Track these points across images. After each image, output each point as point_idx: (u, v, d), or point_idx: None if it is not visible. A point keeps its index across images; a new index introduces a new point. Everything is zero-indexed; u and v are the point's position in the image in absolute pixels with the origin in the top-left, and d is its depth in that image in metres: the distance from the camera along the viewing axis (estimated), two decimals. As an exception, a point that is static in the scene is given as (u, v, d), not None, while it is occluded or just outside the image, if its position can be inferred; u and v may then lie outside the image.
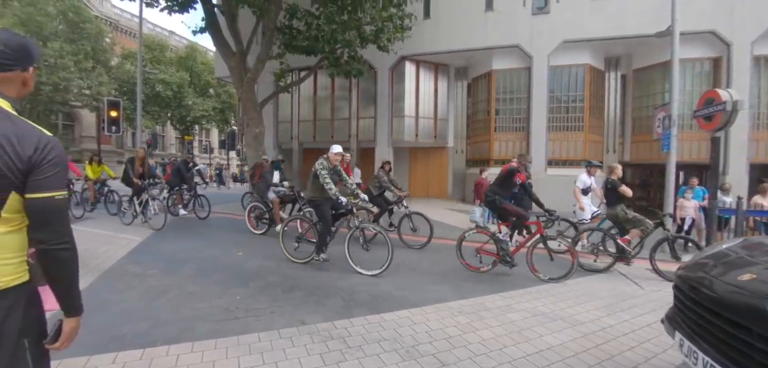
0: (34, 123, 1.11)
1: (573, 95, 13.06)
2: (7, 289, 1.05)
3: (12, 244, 1.06)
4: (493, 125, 13.82)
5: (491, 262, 5.20)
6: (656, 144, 10.18)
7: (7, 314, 1.05)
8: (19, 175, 1.03)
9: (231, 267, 5.01)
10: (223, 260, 5.39)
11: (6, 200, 1.03)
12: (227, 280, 4.43)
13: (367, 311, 3.64)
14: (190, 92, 31.56)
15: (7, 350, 1.05)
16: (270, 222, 7.30)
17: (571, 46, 12.52)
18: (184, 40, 39.66)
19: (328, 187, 4.84)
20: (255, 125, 11.68)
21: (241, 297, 3.87)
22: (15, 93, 1.14)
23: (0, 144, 1.01)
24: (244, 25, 12.14)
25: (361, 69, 11.83)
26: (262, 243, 6.72)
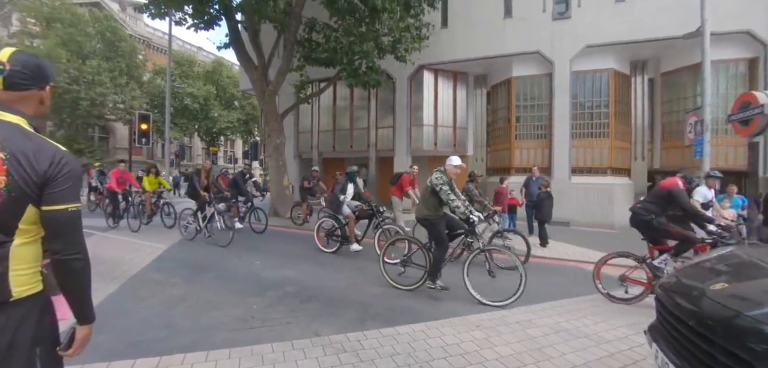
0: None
1: (597, 100, 12.65)
2: (21, 299, 1.09)
3: (27, 255, 1.10)
4: (513, 133, 13.56)
5: (639, 291, 4.51)
6: (688, 150, 9.68)
7: (20, 323, 1.09)
8: (35, 188, 1.08)
9: (247, 277, 5.09)
10: (242, 269, 5.48)
11: (23, 212, 1.08)
12: (244, 289, 4.50)
13: (382, 324, 3.60)
14: (215, 104, 32.73)
15: (21, 358, 1.08)
16: (342, 240, 6.69)
17: (594, 51, 12.17)
18: (210, 55, 41.26)
19: (454, 203, 4.39)
20: (276, 135, 11.93)
21: (257, 307, 3.91)
22: (32, 111, 1.19)
23: (18, 159, 1.06)
24: (266, 40, 12.49)
25: (379, 79, 11.92)
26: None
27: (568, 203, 12.09)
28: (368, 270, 5.61)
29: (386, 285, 4.83)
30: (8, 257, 1.06)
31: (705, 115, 7.29)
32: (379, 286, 4.80)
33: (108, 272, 5.06)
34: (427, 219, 4.60)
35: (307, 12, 11.73)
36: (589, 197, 11.81)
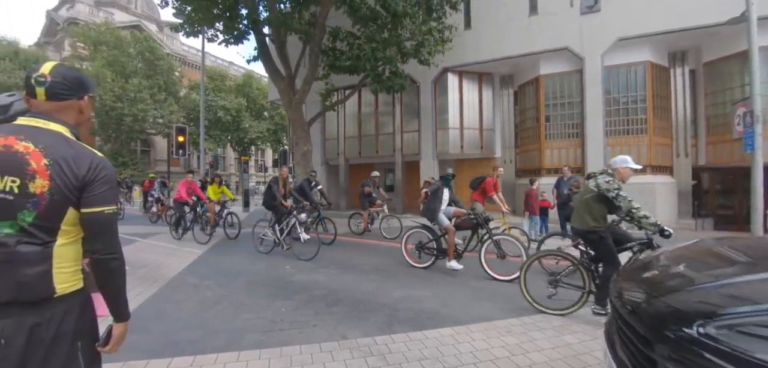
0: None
1: (633, 95, 12.03)
2: (64, 295, 1.17)
3: (69, 254, 1.18)
4: (543, 132, 13.13)
5: None
6: (737, 144, 9.00)
7: (63, 317, 1.16)
8: (75, 192, 1.16)
9: (278, 281, 5.19)
10: (272, 273, 5.61)
11: (65, 214, 1.16)
12: (274, 293, 4.60)
13: (410, 328, 3.56)
14: (246, 115, 33.99)
15: (63, 350, 1.16)
16: (438, 253, 5.82)
17: (627, 44, 11.60)
18: (241, 69, 42.97)
19: (640, 212, 3.80)
20: (303, 143, 12.20)
21: (286, 310, 3.98)
22: (73, 120, 1.28)
23: (60, 165, 1.14)
24: (292, 51, 12.85)
25: (403, 84, 11.93)
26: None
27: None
28: (395, 273, 5.60)
29: (412, 287, 4.80)
30: (52, 256, 1.14)
31: (755, 105, 6.75)
32: (405, 289, 4.76)
33: (148, 275, 5.34)
34: (594, 232, 3.91)
35: (331, 21, 11.97)
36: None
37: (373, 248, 8.06)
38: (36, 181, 1.11)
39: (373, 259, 6.73)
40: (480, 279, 5.27)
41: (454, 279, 5.36)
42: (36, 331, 1.11)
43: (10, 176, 1.11)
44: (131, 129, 28.45)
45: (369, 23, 11.11)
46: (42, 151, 1.14)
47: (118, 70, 27.23)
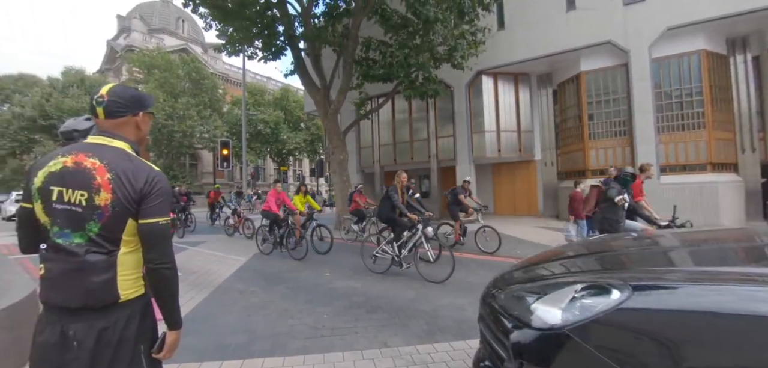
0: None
1: (687, 88, 11.15)
2: (127, 301, 1.25)
3: (131, 262, 1.27)
4: (586, 132, 12.50)
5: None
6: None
7: (127, 322, 1.25)
8: (133, 204, 1.24)
9: (318, 287, 5.30)
10: (312, 280, 5.73)
11: (125, 224, 1.25)
12: (315, 299, 4.69)
13: (452, 337, 3.48)
14: (284, 128, 35.34)
15: (127, 353, 1.24)
16: None
17: (678, 33, 10.80)
18: (279, 83, 44.80)
19: None
20: (339, 152, 12.44)
21: (327, 316, 4.04)
22: (133, 136, 1.38)
23: (120, 178, 1.23)
24: (327, 63, 13.22)
25: (437, 89, 11.86)
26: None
27: (659, 206, 10.68)
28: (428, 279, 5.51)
29: (457, 296, 4.69)
30: (116, 264, 1.23)
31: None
32: (448, 297, 4.68)
33: (198, 282, 5.65)
34: None
35: (364, 32, 12.17)
36: (686, 197, 10.35)
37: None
38: (100, 194, 1.21)
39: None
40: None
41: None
42: (103, 334, 1.20)
43: (80, 189, 1.21)
44: (180, 144, 30.56)
45: (400, 31, 11.19)
46: (106, 166, 1.23)
47: (169, 91, 29.46)
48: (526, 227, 11.30)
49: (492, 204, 15.30)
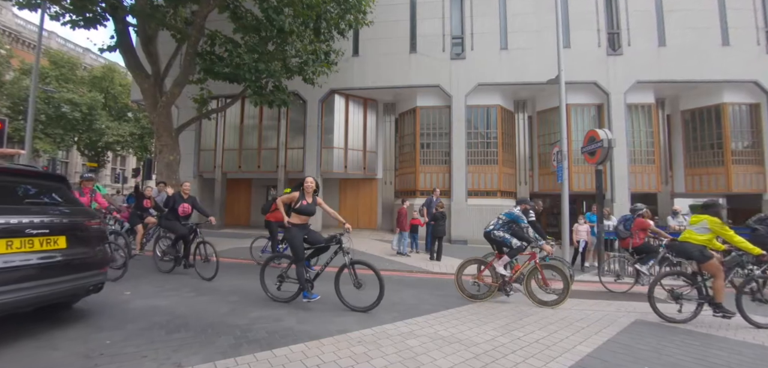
0: None
1: (488, 132, 14.31)
2: None
3: None
4: (418, 158, 14.50)
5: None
6: (554, 176, 11.44)
7: None
8: None
9: (106, 310, 4.45)
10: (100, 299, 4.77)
11: None
12: (98, 323, 3.91)
13: (259, 348, 3.44)
14: (103, 114, 28.54)
15: None
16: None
17: (484, 89, 13.84)
18: (101, 58, 36.18)
19: None
20: (169, 152, 10.87)
21: (110, 342, 3.42)
22: None
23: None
24: (163, 48, 11.53)
25: (286, 100, 11.72)
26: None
27: (466, 223, 13.26)
28: (253, 291, 5.34)
29: (276, 306, 4.66)
30: None
31: (563, 147, 8.76)
32: (263, 308, 4.60)
33: None
34: None
35: (212, 24, 11.16)
36: (483, 216, 13.01)
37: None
38: None
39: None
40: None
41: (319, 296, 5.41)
42: None
43: None
44: None
45: (252, 34, 10.71)
46: None
47: None
48: (363, 239, 12.23)
49: (338, 218, 15.94)
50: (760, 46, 13.13)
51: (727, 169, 13.34)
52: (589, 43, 13.50)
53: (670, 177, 15.04)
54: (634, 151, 13.81)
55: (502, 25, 13.98)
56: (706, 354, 3.73)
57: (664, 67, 13.23)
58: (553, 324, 4.57)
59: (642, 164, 13.86)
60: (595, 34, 13.56)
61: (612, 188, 13.12)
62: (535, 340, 3.96)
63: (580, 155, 12.47)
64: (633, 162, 13.67)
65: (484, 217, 12.99)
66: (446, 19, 14.20)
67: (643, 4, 13.52)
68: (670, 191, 14.79)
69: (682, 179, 14.71)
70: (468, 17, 14.11)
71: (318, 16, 10.94)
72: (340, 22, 11.74)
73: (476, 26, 14.01)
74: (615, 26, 13.73)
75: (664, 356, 3.64)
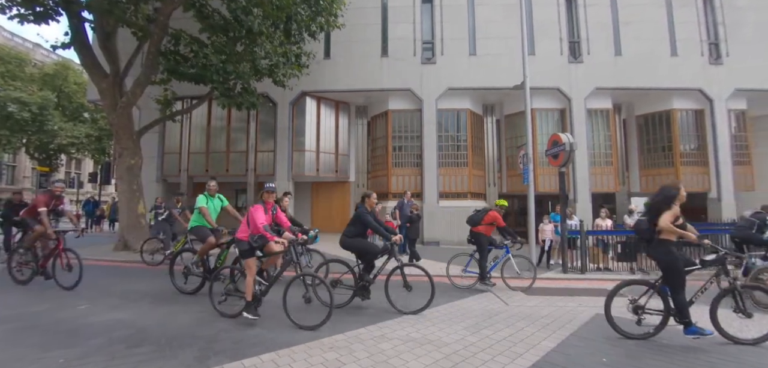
0: None
1: (458, 135, 14.62)
2: None
3: None
4: (390, 160, 14.58)
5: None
6: (520, 178, 11.87)
7: None
8: None
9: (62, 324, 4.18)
10: (55, 316, 4.47)
11: None
12: (51, 341, 3.67)
13: (226, 359, 3.35)
14: (56, 115, 26.67)
15: None
16: None
17: (454, 93, 14.13)
18: (54, 56, 33.81)
19: None
20: (130, 155, 10.34)
21: (65, 360, 3.22)
22: None
23: None
24: (123, 45, 10.97)
25: (255, 102, 11.45)
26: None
27: (438, 225, 13.48)
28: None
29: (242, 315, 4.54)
30: None
31: (528, 150, 9.12)
32: (229, 318, 4.47)
33: None
34: None
35: (176, 23, 10.74)
36: (455, 218, 13.34)
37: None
38: None
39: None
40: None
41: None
42: None
43: None
44: None
45: (220, 34, 10.40)
46: None
47: None
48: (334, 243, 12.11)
49: (309, 221, 15.74)
50: (704, 58, 14.24)
51: (677, 170, 14.34)
52: (552, 51, 14.12)
53: (627, 178, 15.96)
54: (594, 153, 14.55)
55: (471, 31, 14.36)
56: (659, 338, 4.00)
57: (620, 74, 14.06)
58: (521, 321, 4.75)
59: (601, 165, 14.64)
60: (557, 42, 14.20)
61: (574, 189, 13.76)
62: (502, 338, 4.10)
63: (545, 158, 13.01)
64: (593, 164, 14.40)
65: (455, 219, 13.33)
66: (417, 23, 14.41)
67: (601, 16, 14.31)
68: (627, 191, 15.69)
69: (638, 179, 15.66)
70: (438, 23, 14.38)
71: (288, 17, 10.78)
72: (311, 24, 11.63)
73: (446, 32, 14.30)
74: (576, 36, 14.44)
75: (619, 347, 3.87)
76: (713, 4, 14.59)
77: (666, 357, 3.64)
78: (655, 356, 3.67)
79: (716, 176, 14.02)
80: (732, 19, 14.35)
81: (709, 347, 3.89)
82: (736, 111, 14.63)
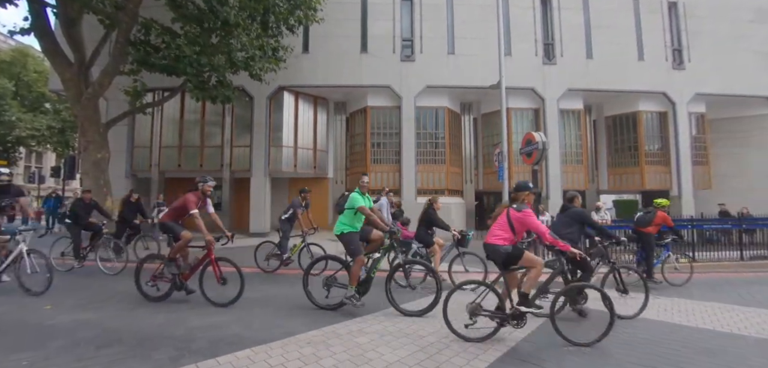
0: None
1: (436, 132, 14.83)
2: None
3: None
4: (369, 157, 14.61)
5: None
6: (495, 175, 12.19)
7: None
8: None
9: (26, 327, 3.99)
10: (17, 316, 4.27)
11: None
12: (14, 344, 3.51)
13: (201, 357, 3.30)
14: (14, 105, 25.11)
15: None
16: None
17: (432, 91, 14.30)
18: (11, 41, 31.73)
19: None
20: (96, 149, 9.90)
21: (27, 363, 3.09)
22: None
23: None
24: (89, 33, 10.45)
25: (230, 95, 11.18)
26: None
27: (416, 221, 13.59)
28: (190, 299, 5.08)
29: (218, 313, 4.47)
30: None
31: (504, 148, 9.39)
32: (204, 316, 4.40)
33: None
34: None
35: (147, 12, 10.33)
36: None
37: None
38: None
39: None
40: (296, 297, 5.35)
41: (264, 300, 5.29)
42: None
43: None
44: None
45: (193, 24, 10.07)
46: None
47: None
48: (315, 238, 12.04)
49: (288, 218, 15.57)
50: (668, 63, 15.04)
51: (642, 169, 15.11)
52: (527, 52, 14.53)
53: (596, 176, 16.67)
54: (566, 152, 15.12)
55: (450, 30, 14.56)
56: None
57: (591, 77, 14.65)
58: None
59: (572, 164, 15.23)
60: (532, 44, 14.62)
61: (547, 187, 14.25)
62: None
63: (519, 156, 13.39)
64: (564, 162, 14.96)
65: (433, 215, 13.54)
66: (397, 21, 14.46)
67: (574, 20, 14.84)
68: (596, 189, 16.39)
69: (606, 177, 16.41)
70: (418, 21, 14.49)
71: (266, 9, 10.59)
72: (290, 18, 11.46)
73: (425, 30, 14.43)
74: (550, 38, 14.92)
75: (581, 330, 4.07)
76: (678, 12, 15.40)
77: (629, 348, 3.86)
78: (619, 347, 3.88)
79: (677, 174, 14.87)
80: (693, 27, 15.20)
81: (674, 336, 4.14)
82: (696, 114, 15.54)
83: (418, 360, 3.39)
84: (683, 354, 3.69)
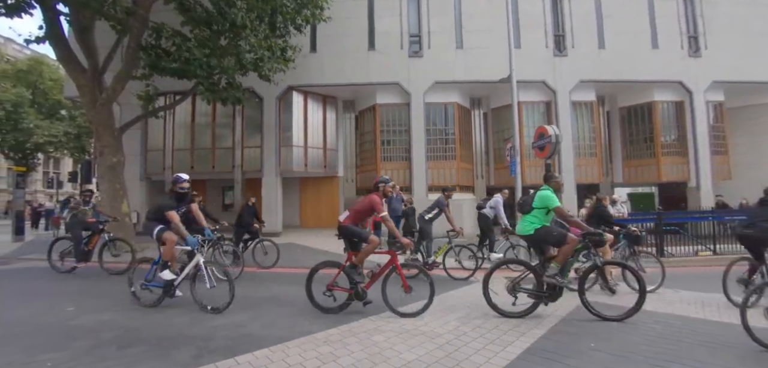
0: None
1: (446, 128, 14.71)
2: None
3: None
4: (379, 155, 14.58)
5: None
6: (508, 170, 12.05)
7: None
8: None
9: (50, 328, 4.08)
10: (42, 319, 4.36)
11: None
12: (40, 343, 3.58)
13: (221, 356, 3.33)
14: (31, 112, 25.77)
15: None
16: None
17: (442, 87, 14.18)
18: (28, 50, 32.56)
19: None
20: (111, 153, 10.07)
21: (52, 364, 3.15)
22: None
23: None
24: (102, 39, 10.62)
25: (240, 97, 11.26)
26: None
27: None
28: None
29: (237, 312, 4.50)
30: None
31: (515, 142, 9.26)
32: (224, 316, 4.44)
33: None
34: None
35: (157, 16, 10.44)
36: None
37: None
38: None
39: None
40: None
41: (279, 300, 5.32)
42: None
43: None
44: None
45: (202, 27, 10.15)
46: None
47: None
48: (325, 238, 12.09)
49: (298, 217, 15.68)
50: (684, 50, 14.64)
51: (658, 160, 14.77)
52: (537, 44, 14.29)
53: (610, 169, 16.36)
54: (579, 145, 14.85)
55: (458, 24, 14.40)
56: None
57: (603, 67, 14.35)
58: (510, 310, 4.83)
59: (586, 157, 14.96)
60: (543, 35, 14.38)
61: (560, 180, 14.02)
62: (493, 327, 4.18)
63: (531, 150, 13.18)
64: (578, 155, 14.70)
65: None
66: (404, 17, 14.37)
67: (584, 9, 14.54)
68: (610, 182, 16.08)
69: (621, 170, 16.08)
70: (425, 16, 14.37)
71: (273, 10, 10.63)
72: (297, 17, 11.48)
73: (433, 25, 14.31)
74: (560, 29, 14.65)
75: (604, 333, 3.99)
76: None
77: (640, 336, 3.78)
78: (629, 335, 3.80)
79: (695, 166, 14.49)
80: (709, 13, 14.77)
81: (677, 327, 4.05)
82: (714, 102, 15.12)
83: (437, 358, 3.36)
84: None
